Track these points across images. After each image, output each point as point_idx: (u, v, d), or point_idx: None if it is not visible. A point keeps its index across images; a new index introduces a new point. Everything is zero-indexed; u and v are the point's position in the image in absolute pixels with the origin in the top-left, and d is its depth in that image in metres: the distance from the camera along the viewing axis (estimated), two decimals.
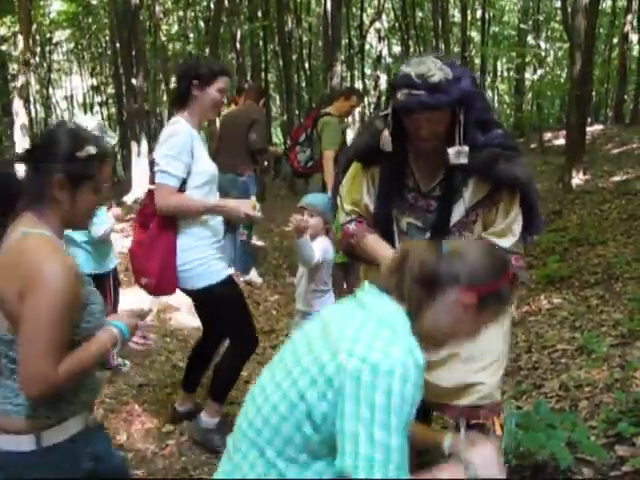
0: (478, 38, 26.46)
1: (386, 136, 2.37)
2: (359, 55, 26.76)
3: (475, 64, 25.24)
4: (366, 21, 26.25)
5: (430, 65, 2.18)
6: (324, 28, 16.24)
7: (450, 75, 2.17)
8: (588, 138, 13.21)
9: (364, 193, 2.57)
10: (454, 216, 2.39)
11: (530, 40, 24.36)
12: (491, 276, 1.61)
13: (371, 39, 28.79)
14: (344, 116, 6.79)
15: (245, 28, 19.58)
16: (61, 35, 26.88)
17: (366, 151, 2.52)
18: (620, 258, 6.23)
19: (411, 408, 1.45)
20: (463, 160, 2.28)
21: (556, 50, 26.16)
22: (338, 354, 1.46)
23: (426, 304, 1.60)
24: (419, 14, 26.42)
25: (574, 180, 10.53)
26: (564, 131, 14.17)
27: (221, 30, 16.75)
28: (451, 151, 2.27)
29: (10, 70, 19.81)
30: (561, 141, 16.27)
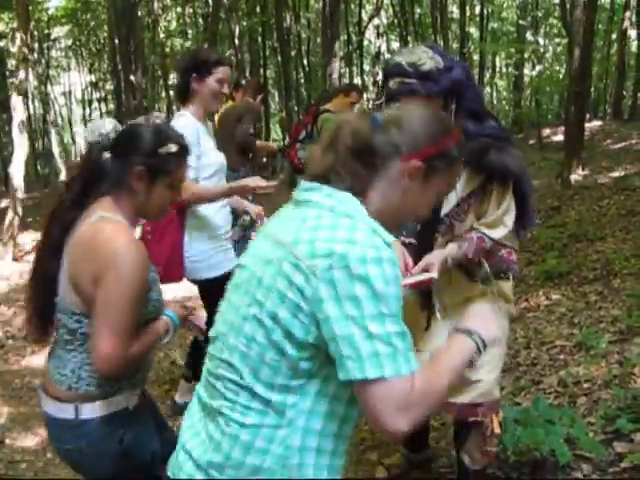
0: (477, 34, 26.45)
1: None
2: (358, 51, 26.75)
3: (474, 60, 25.22)
4: (365, 17, 26.24)
5: (421, 54, 2.20)
6: (323, 24, 16.22)
7: (441, 64, 2.20)
8: (587, 134, 13.21)
9: None
10: (445, 206, 2.38)
11: (529, 36, 24.36)
12: (434, 137, 1.48)
13: (370, 35, 28.77)
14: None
15: (244, 24, 19.58)
16: (59, 31, 26.86)
17: None
18: (619, 254, 6.23)
19: (398, 288, 1.31)
20: None
21: (555, 46, 26.19)
22: (300, 261, 1.31)
23: (369, 183, 1.45)
24: (418, 10, 26.38)
25: (573, 176, 10.53)
26: (563, 127, 14.17)
27: (220, 26, 16.73)
28: None
29: (8, 66, 19.79)
30: (560, 137, 16.27)
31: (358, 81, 25.33)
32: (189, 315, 2.27)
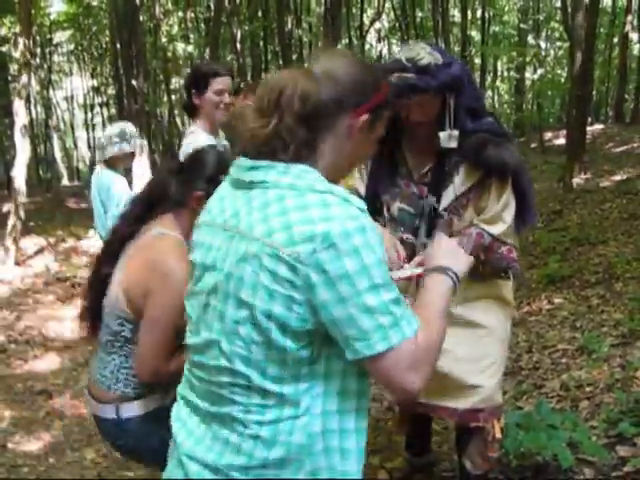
0: (478, 38, 26.47)
1: None
2: (359, 55, 26.77)
3: (475, 64, 25.25)
4: (366, 21, 26.27)
5: (420, 50, 2.21)
6: (324, 28, 16.24)
7: (440, 60, 2.20)
8: (588, 137, 13.21)
9: (356, 177, 2.59)
10: (444, 201, 2.38)
11: (530, 40, 24.38)
12: (374, 87, 1.43)
13: (371, 39, 28.81)
14: None
15: (245, 28, 19.59)
16: (61, 36, 26.90)
17: None
18: (621, 258, 6.23)
19: (382, 251, 1.28)
20: (453, 144, 2.29)
21: (556, 49, 26.19)
22: (279, 251, 1.24)
23: (316, 146, 1.37)
24: (419, 14, 26.41)
25: (575, 179, 10.53)
26: (564, 130, 14.20)
27: (221, 31, 16.76)
28: (442, 135, 2.28)
29: (10, 71, 19.82)
30: (561, 140, 16.29)
31: None
32: None
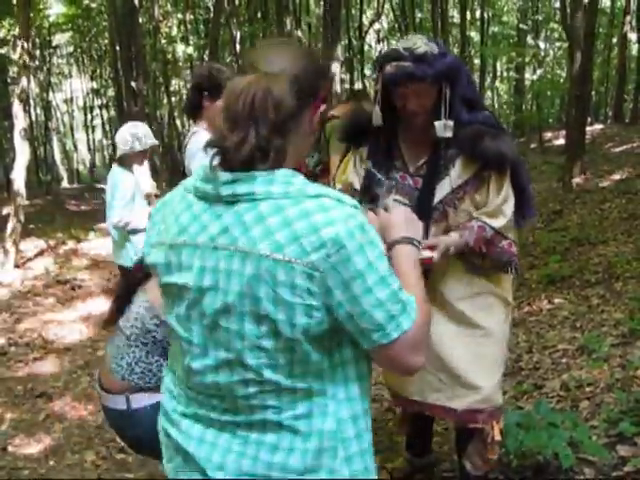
0: (477, 38, 26.48)
1: (376, 111, 2.40)
2: (359, 56, 26.77)
3: (475, 64, 25.25)
4: (366, 22, 26.28)
5: (416, 40, 2.24)
6: (324, 29, 16.23)
7: (436, 50, 2.23)
8: (588, 137, 13.21)
9: (351, 170, 2.59)
10: (438, 193, 2.37)
11: (529, 40, 24.40)
12: (324, 73, 1.46)
13: (371, 40, 28.81)
14: None
15: (245, 30, 19.60)
16: (60, 38, 26.91)
17: (354, 131, 2.56)
18: (621, 257, 6.23)
19: (381, 243, 1.36)
20: (449, 134, 2.30)
21: (555, 50, 26.20)
22: (294, 264, 1.25)
23: (287, 149, 1.35)
24: (418, 15, 26.44)
25: (574, 180, 10.53)
26: (564, 131, 14.19)
27: (221, 32, 16.77)
28: (437, 124, 2.29)
29: (10, 73, 19.83)
30: (561, 141, 16.29)
31: (359, 86, 25.34)
32: None
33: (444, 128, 2.29)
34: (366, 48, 28.29)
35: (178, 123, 25.37)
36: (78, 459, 3.88)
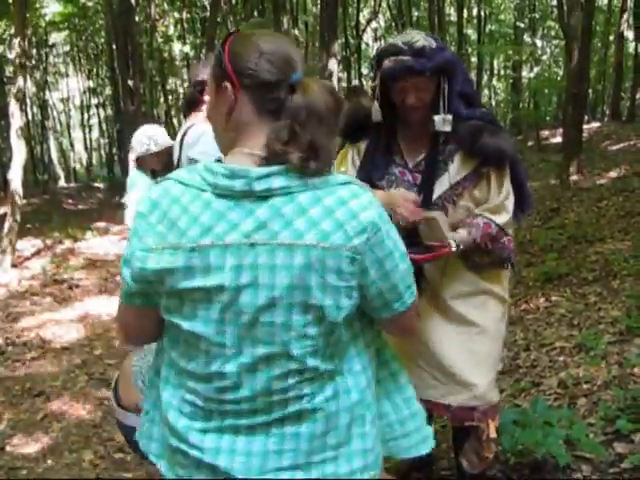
0: (474, 36, 26.49)
1: (375, 107, 2.40)
2: (356, 55, 26.78)
3: (472, 62, 25.27)
4: (362, 20, 26.27)
5: (415, 35, 2.27)
6: (321, 27, 16.23)
7: (434, 45, 2.25)
8: (585, 135, 13.23)
9: (349, 165, 2.59)
10: (437, 189, 2.38)
11: (526, 38, 24.39)
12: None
13: (367, 38, 28.80)
14: None
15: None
16: (57, 37, 26.87)
17: (352, 126, 2.55)
18: (618, 255, 6.23)
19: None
20: (447, 128, 2.31)
21: (552, 48, 26.22)
22: (341, 250, 1.31)
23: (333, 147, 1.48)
24: (415, 13, 26.43)
25: (571, 177, 10.54)
26: (561, 129, 14.20)
27: (217, 31, 16.74)
28: (437, 118, 2.30)
29: (6, 73, 19.80)
30: (558, 139, 16.30)
31: (356, 84, 25.34)
32: None
33: (443, 122, 2.30)
34: (363, 46, 28.30)
35: (175, 122, 25.35)
36: (76, 458, 3.88)
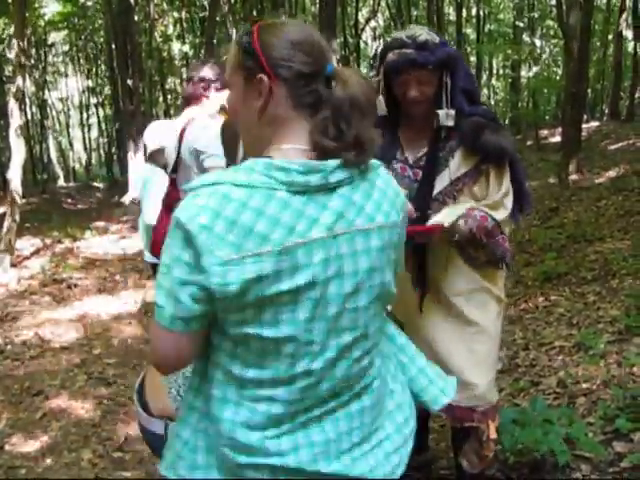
0: (473, 36, 26.50)
1: (380, 100, 2.41)
2: (355, 54, 26.78)
3: (471, 62, 25.23)
4: (361, 20, 26.27)
5: (418, 30, 2.32)
6: (319, 27, 16.23)
7: (437, 39, 2.29)
8: (584, 135, 13.23)
9: None
10: (438, 185, 2.39)
11: (525, 37, 24.39)
12: None
13: (366, 38, 28.80)
14: None
15: (240, 28, 19.55)
16: (56, 37, 26.85)
17: None
18: (617, 254, 6.23)
19: None
20: (450, 122, 2.33)
21: (551, 47, 26.22)
22: (397, 224, 1.46)
23: None
24: (414, 12, 26.40)
25: (570, 177, 10.54)
26: (560, 128, 14.20)
27: (216, 30, 16.73)
28: (441, 113, 2.33)
29: (5, 72, 19.78)
30: (557, 138, 16.31)
31: None
32: None
33: (446, 117, 2.33)
34: (362, 46, 28.30)
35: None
36: (75, 457, 3.88)
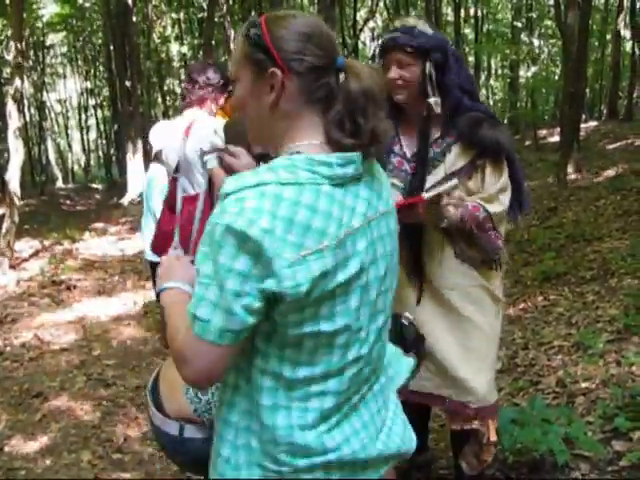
0: (472, 36, 26.50)
1: None
2: (353, 54, 26.77)
3: (469, 62, 25.23)
4: (360, 20, 26.27)
5: (412, 19, 2.40)
6: None
7: (429, 31, 2.34)
8: (582, 134, 13.24)
9: None
10: (431, 179, 2.40)
11: (524, 37, 24.40)
12: None
13: (365, 38, 28.79)
14: None
15: (239, 29, 19.54)
16: (54, 38, 26.84)
17: None
18: (615, 254, 6.24)
19: None
20: (438, 110, 2.37)
21: (549, 47, 26.22)
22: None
23: None
24: (412, 12, 26.40)
25: (569, 177, 10.55)
26: (558, 128, 14.21)
27: (215, 31, 16.74)
28: (432, 100, 2.36)
29: (3, 74, 19.77)
30: (556, 138, 16.32)
31: None
32: None
33: (437, 105, 2.36)
34: (360, 46, 28.28)
35: None
36: (75, 459, 3.88)
